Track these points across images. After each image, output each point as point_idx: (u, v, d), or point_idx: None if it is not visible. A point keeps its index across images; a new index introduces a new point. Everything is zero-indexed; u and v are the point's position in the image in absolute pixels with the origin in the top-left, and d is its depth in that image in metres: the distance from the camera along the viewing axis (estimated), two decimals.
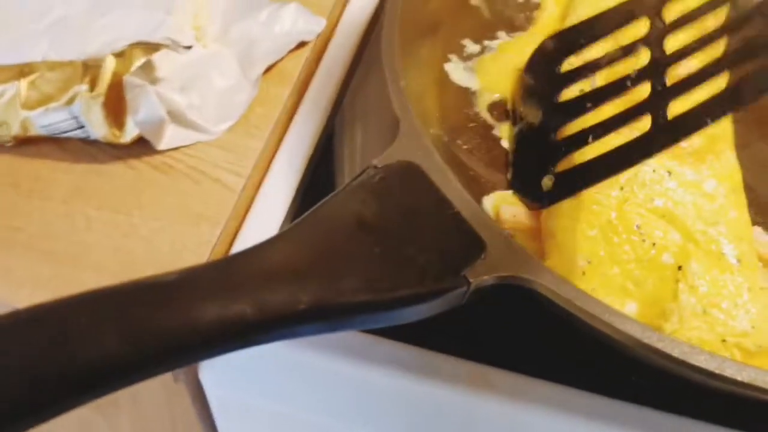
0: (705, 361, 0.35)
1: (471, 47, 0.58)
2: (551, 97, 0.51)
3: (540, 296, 0.37)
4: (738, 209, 0.46)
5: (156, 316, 0.31)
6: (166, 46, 0.51)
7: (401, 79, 0.45)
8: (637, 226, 0.44)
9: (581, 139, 0.48)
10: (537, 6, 0.62)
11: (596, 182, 0.45)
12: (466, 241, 0.38)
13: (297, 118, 0.56)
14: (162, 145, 0.52)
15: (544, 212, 0.47)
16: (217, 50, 0.57)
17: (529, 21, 0.61)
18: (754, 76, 0.46)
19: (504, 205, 0.49)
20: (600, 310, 0.35)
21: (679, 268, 0.43)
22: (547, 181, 0.48)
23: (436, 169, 0.40)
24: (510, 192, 0.50)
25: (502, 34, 0.60)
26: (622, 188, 0.46)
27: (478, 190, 0.49)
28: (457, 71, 0.56)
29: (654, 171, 0.46)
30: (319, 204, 0.39)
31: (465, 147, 0.53)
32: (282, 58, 0.57)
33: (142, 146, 0.52)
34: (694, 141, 0.48)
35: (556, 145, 0.49)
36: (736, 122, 0.56)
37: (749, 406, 0.40)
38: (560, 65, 0.52)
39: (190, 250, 0.48)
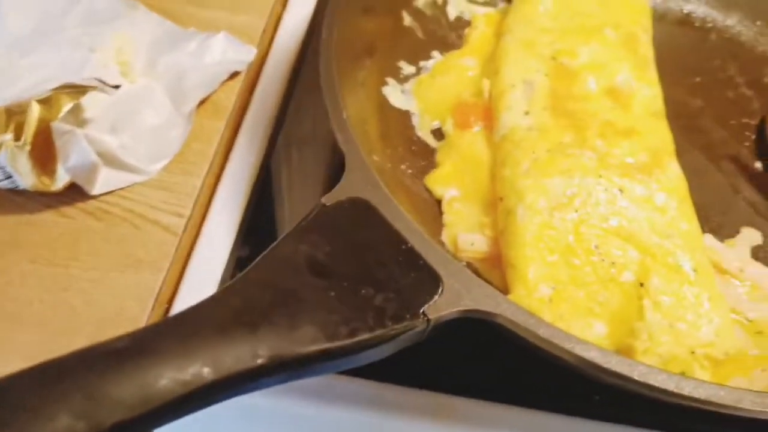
0: (663, 381, 0.35)
1: (407, 69, 0.58)
2: None
3: (502, 328, 0.36)
4: (688, 220, 0.47)
5: (108, 387, 0.30)
6: (94, 88, 0.49)
7: (343, 110, 0.44)
8: (596, 246, 0.45)
9: None
10: (468, 24, 0.62)
11: None
12: (422, 276, 0.37)
13: (234, 151, 0.55)
14: (95, 190, 0.50)
15: (502, 241, 0.47)
16: (146, 85, 0.55)
17: (461, 39, 0.61)
18: None
19: (461, 234, 0.49)
20: (562, 339, 0.35)
21: (641, 284, 0.44)
22: None
23: (387, 203, 0.40)
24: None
25: (435, 53, 0.60)
26: (577, 210, 0.46)
27: (431, 216, 0.49)
28: (395, 94, 0.56)
29: (606, 190, 0.47)
30: (268, 249, 0.38)
31: (409, 172, 0.53)
32: (215, 90, 0.56)
33: (74, 192, 0.49)
34: (640, 156, 0.49)
35: None
36: None
37: (707, 419, 0.40)
38: None
39: (132, 299, 0.46)
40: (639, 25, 0.57)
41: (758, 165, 0.56)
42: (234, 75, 0.57)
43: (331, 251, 0.38)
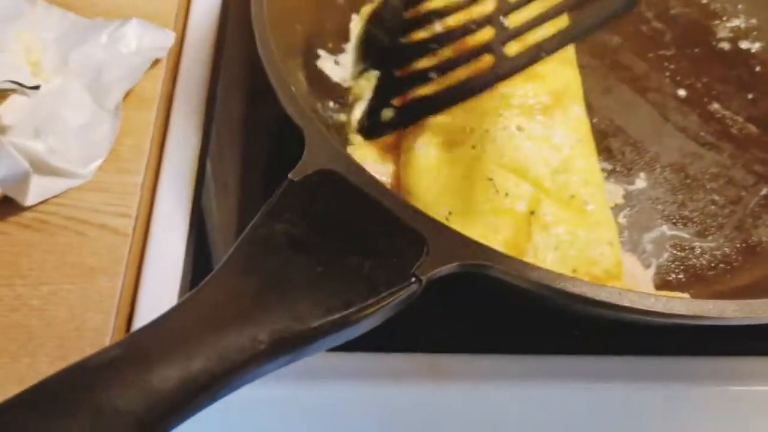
0: (653, 304, 0.36)
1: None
2: (395, 38, 0.55)
3: (493, 278, 0.36)
4: (585, 158, 0.49)
5: (114, 400, 0.28)
6: (13, 91, 0.45)
7: (291, 86, 0.43)
8: (490, 179, 0.46)
9: (424, 77, 0.52)
10: None
11: (437, 111, 0.50)
12: (406, 237, 0.37)
13: (169, 141, 0.52)
14: (29, 201, 0.46)
15: (402, 171, 0.49)
16: (63, 84, 0.51)
17: None
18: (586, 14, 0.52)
19: (366, 162, 0.50)
20: (553, 280, 0.36)
21: (532, 212, 0.45)
22: (387, 113, 0.52)
23: (355, 170, 0.39)
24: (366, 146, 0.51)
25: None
26: (473, 147, 0.47)
27: None
28: (329, 66, 0.55)
29: (505, 128, 0.48)
30: (243, 234, 0.36)
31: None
32: (139, 81, 0.53)
33: (6, 206, 0.46)
34: (542, 98, 0.50)
35: (398, 80, 0.53)
36: (592, 70, 0.59)
37: (686, 333, 0.42)
38: (406, 12, 0.55)
39: (93, 309, 0.43)
40: None
41: (681, 92, 0.58)
42: (155, 62, 0.55)
43: (309, 226, 0.37)
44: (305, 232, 0.36)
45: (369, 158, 0.51)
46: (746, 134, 0.56)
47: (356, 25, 0.59)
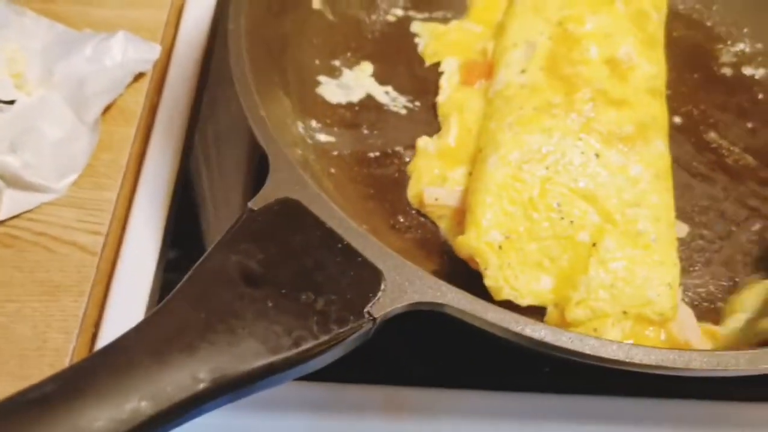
0: (614, 352, 0.35)
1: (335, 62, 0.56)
2: None
3: (450, 316, 0.35)
4: (660, 194, 0.47)
5: None
6: None
7: (261, 108, 0.42)
8: (558, 204, 0.45)
9: None
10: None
11: None
12: (363, 273, 0.36)
13: (148, 158, 0.52)
14: (1, 215, 0.46)
15: (469, 190, 0.47)
16: (44, 97, 0.51)
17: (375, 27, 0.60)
18: None
19: (427, 188, 0.49)
20: (511, 323, 0.35)
21: (594, 245, 0.44)
22: None
23: (317, 201, 0.38)
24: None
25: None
26: (547, 168, 0.46)
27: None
28: (330, 90, 0.55)
29: (582, 153, 0.46)
30: (197, 264, 0.35)
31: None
32: (120, 95, 0.53)
33: None
34: (626, 128, 0.49)
35: None
36: None
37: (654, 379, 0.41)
38: None
39: (55, 328, 0.43)
40: (652, 3, 0.56)
41: (677, 119, 0.57)
42: (140, 76, 0.54)
43: (265, 258, 0.36)
44: (260, 265, 0.36)
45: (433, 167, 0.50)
46: (742, 165, 0.54)
47: None
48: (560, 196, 0.45)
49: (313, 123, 0.53)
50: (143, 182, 0.50)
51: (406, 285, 0.36)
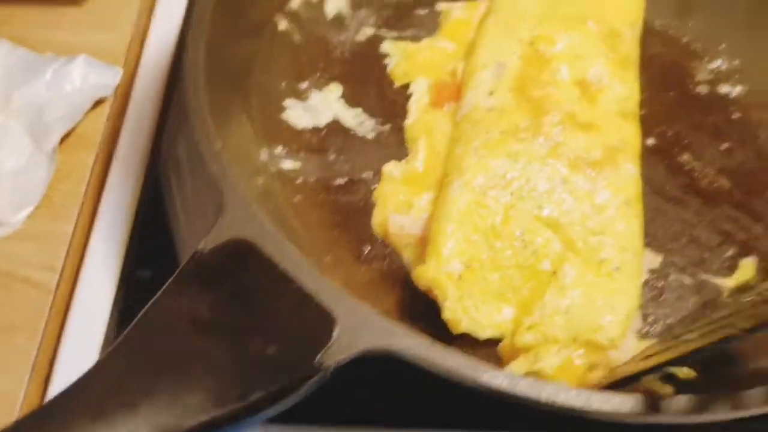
0: (572, 398, 0.34)
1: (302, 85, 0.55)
2: None
3: (405, 362, 0.34)
4: (627, 221, 0.46)
5: None
6: None
7: (216, 141, 0.41)
8: (521, 233, 0.44)
9: None
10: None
11: None
12: (315, 317, 0.35)
13: (107, 188, 0.50)
14: None
15: (429, 218, 0.46)
16: (2, 124, 0.50)
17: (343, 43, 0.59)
18: None
19: (392, 216, 0.48)
20: (468, 370, 0.34)
21: (554, 272, 0.43)
22: None
23: (271, 240, 0.37)
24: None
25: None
26: (512, 194, 0.45)
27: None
28: (296, 113, 0.53)
29: (548, 179, 0.45)
30: (145, 309, 0.34)
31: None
32: (79, 122, 0.51)
33: None
34: (594, 152, 0.47)
35: None
36: None
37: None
38: None
39: (6, 368, 0.42)
40: (626, 21, 0.55)
41: (650, 141, 0.55)
42: (100, 101, 0.53)
43: (214, 304, 0.35)
44: (209, 310, 0.35)
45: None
46: (716, 188, 0.53)
47: None
48: (524, 224, 0.44)
49: (279, 149, 0.52)
50: (102, 213, 0.49)
51: (360, 330, 0.35)
